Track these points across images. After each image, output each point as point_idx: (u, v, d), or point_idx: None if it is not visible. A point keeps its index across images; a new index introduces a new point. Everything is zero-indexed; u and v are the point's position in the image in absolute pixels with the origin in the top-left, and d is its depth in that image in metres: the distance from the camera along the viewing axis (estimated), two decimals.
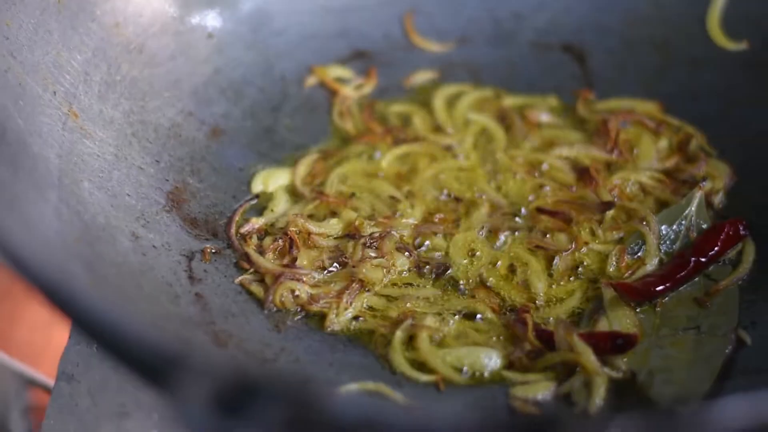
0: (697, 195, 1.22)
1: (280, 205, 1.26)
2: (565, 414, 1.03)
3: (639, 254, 1.19)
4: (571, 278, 1.18)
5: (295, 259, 1.18)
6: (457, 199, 1.27)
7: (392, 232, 1.21)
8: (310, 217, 1.24)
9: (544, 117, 1.38)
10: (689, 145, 1.31)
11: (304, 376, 1.05)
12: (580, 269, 1.18)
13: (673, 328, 1.10)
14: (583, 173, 1.28)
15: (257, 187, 1.29)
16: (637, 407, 1.02)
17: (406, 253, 1.19)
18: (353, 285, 1.15)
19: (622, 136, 1.33)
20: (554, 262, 1.19)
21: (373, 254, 1.18)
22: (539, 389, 1.05)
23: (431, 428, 0.70)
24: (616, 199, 1.25)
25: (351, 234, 1.21)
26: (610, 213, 1.22)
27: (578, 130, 1.37)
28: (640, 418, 0.70)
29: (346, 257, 1.19)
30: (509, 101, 1.41)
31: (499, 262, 1.19)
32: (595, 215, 1.23)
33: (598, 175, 1.27)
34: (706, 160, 1.29)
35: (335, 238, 1.22)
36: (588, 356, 1.05)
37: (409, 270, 1.19)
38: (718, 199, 1.25)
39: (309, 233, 1.21)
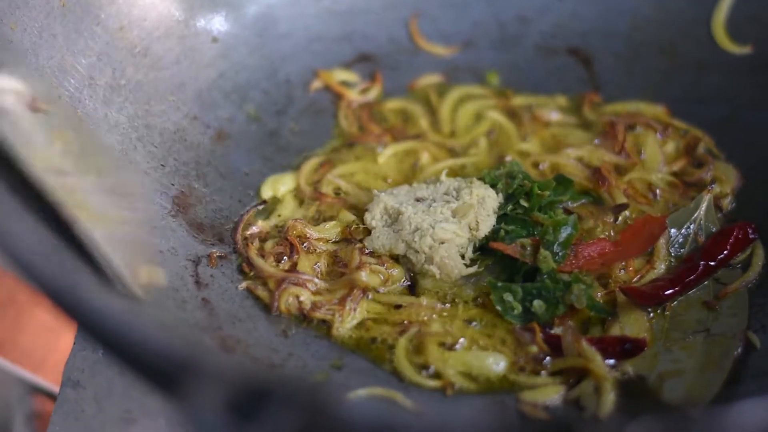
0: (706, 198, 1.21)
1: (288, 209, 1.25)
2: (575, 419, 1.02)
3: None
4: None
5: (295, 264, 1.17)
6: None
7: None
8: (311, 220, 1.23)
9: (554, 116, 1.37)
10: (696, 148, 1.30)
11: (312, 381, 1.04)
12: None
13: (682, 332, 1.10)
14: (594, 173, 1.27)
15: (267, 193, 1.28)
16: (648, 411, 1.02)
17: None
18: (355, 292, 1.14)
19: (629, 139, 1.31)
20: None
21: (372, 260, 1.17)
22: (548, 394, 1.05)
23: None
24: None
25: (347, 238, 1.20)
26: (623, 215, 1.22)
27: (586, 131, 1.35)
28: (651, 422, 0.70)
29: (344, 263, 1.18)
30: (518, 101, 1.40)
31: None
32: (609, 216, 1.22)
33: (610, 175, 1.26)
34: (713, 163, 1.27)
35: (334, 243, 1.21)
36: (596, 361, 1.04)
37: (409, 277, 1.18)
38: (726, 203, 1.23)
39: (308, 237, 1.20)
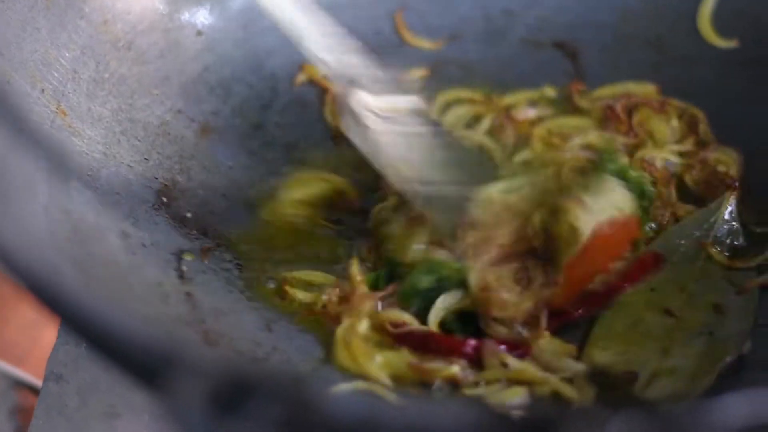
0: (730, 200, 1.14)
1: None
2: (557, 413, 1.01)
3: None
4: None
5: None
6: None
7: None
8: None
9: (531, 112, 1.33)
10: (698, 126, 1.27)
11: (296, 375, 1.04)
12: None
13: (687, 333, 1.05)
14: (607, 110, 1.25)
15: None
16: (630, 405, 1.01)
17: None
18: None
19: (633, 118, 1.28)
20: None
21: None
22: (512, 395, 1.02)
23: (428, 428, 0.69)
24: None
25: None
26: None
27: (581, 117, 1.31)
28: (634, 416, 0.70)
29: None
30: (506, 101, 1.35)
31: None
32: None
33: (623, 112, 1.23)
34: (717, 145, 1.25)
35: None
36: (527, 370, 1.02)
37: None
38: None
39: None
